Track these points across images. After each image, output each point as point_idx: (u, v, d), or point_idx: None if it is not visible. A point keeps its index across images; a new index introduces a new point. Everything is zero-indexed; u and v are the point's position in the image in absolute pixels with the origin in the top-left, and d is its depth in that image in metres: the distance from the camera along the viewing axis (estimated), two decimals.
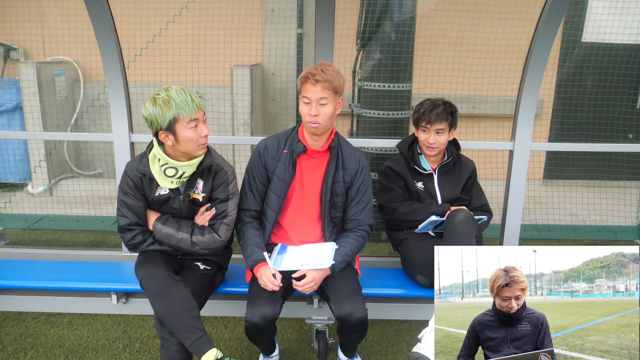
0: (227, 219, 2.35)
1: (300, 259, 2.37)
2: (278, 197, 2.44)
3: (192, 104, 2.14)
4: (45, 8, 5.29)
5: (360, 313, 2.23)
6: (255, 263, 2.33)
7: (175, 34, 4.60)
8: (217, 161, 2.35)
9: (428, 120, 2.64)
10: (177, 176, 2.25)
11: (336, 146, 2.43)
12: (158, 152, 2.24)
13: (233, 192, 2.37)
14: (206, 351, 2.08)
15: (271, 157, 2.43)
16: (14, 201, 5.22)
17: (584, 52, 5.29)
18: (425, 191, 2.76)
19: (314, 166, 2.45)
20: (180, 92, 2.15)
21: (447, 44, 4.13)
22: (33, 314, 3.13)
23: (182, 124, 2.15)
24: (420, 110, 2.69)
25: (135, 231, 2.34)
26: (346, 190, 2.47)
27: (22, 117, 5.46)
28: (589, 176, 4.99)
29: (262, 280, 2.26)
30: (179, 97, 2.13)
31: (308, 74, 2.24)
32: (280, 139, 2.46)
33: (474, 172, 2.85)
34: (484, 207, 2.83)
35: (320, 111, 2.25)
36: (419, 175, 2.78)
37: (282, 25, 5.30)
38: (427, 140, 2.67)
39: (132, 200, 2.31)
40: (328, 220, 2.49)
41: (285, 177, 2.42)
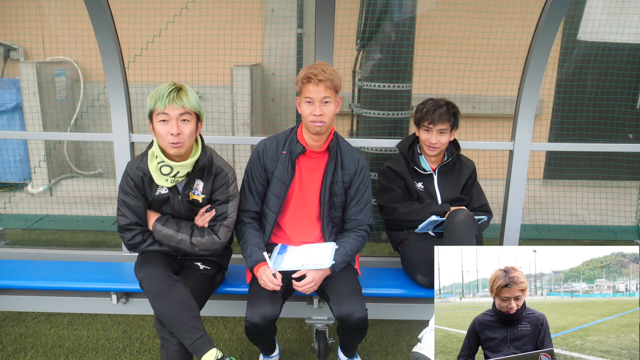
0: (227, 220, 2.35)
1: (300, 259, 2.37)
2: (277, 198, 2.44)
3: (165, 99, 2.14)
4: (45, 8, 5.29)
5: (360, 313, 2.23)
6: (255, 263, 2.33)
7: (175, 34, 4.59)
8: (218, 163, 2.35)
9: (431, 120, 2.63)
10: (171, 175, 2.25)
11: (335, 146, 2.44)
12: (156, 149, 2.25)
13: (233, 193, 2.37)
14: (206, 351, 2.08)
15: (270, 158, 2.43)
16: (14, 201, 5.22)
17: (583, 52, 5.28)
18: (425, 191, 2.76)
19: (313, 167, 2.46)
20: (171, 87, 2.18)
21: (447, 44, 4.13)
22: (33, 314, 3.13)
23: (155, 116, 2.19)
24: (423, 109, 2.68)
25: (135, 231, 2.34)
26: (345, 190, 2.47)
27: (22, 117, 5.47)
28: (589, 176, 4.99)
29: (263, 280, 2.27)
30: (160, 91, 2.17)
31: (310, 74, 2.25)
32: (279, 140, 2.46)
33: (473, 172, 2.85)
34: (483, 207, 2.83)
35: (324, 110, 2.28)
36: (419, 175, 2.78)
37: (282, 25, 5.30)
38: (429, 140, 2.66)
39: (132, 200, 2.31)
40: (327, 221, 2.49)
41: (284, 178, 2.42)
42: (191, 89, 2.24)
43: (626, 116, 5.16)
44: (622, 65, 4.98)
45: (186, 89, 2.21)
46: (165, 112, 2.16)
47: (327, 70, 2.26)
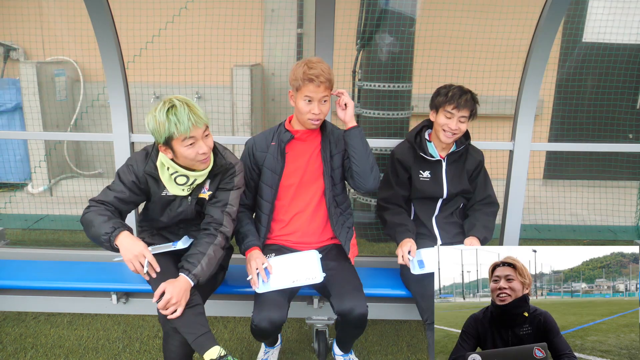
0: (228, 207, 2.30)
1: (288, 275, 2.33)
2: (270, 188, 2.48)
3: (187, 123, 2.03)
4: (45, 8, 5.29)
5: (361, 309, 2.25)
6: (247, 247, 2.41)
7: (175, 34, 4.59)
8: (228, 159, 2.32)
9: (457, 105, 2.51)
10: (188, 184, 2.23)
11: (328, 126, 2.52)
12: (166, 161, 2.19)
13: (238, 184, 2.35)
14: (209, 348, 2.07)
15: (260, 151, 2.48)
16: (14, 201, 5.22)
17: (584, 52, 5.29)
18: (432, 181, 2.67)
19: (307, 147, 2.49)
20: (181, 107, 2.05)
21: (447, 44, 4.13)
22: (33, 314, 3.13)
23: (178, 141, 2.09)
24: (448, 94, 2.55)
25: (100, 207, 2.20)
26: (342, 162, 2.51)
27: (22, 117, 5.47)
28: (589, 176, 4.99)
29: (250, 265, 2.32)
30: (175, 115, 2.04)
31: (312, 75, 2.27)
32: (267, 135, 2.52)
33: (480, 163, 2.75)
34: (487, 199, 2.73)
35: (322, 109, 2.35)
36: (426, 163, 2.68)
37: (282, 25, 5.30)
38: (449, 125, 2.54)
39: (125, 188, 2.23)
40: (330, 196, 2.50)
41: (274, 167, 2.45)
42: (187, 97, 2.18)
43: (626, 116, 5.16)
44: (622, 65, 4.98)
45: (191, 102, 2.11)
46: (192, 135, 2.08)
47: (326, 70, 2.30)
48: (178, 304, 2.09)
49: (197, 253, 2.21)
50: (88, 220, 2.16)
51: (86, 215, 2.18)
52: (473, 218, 2.70)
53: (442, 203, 2.73)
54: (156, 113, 2.07)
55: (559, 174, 5.43)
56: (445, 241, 2.66)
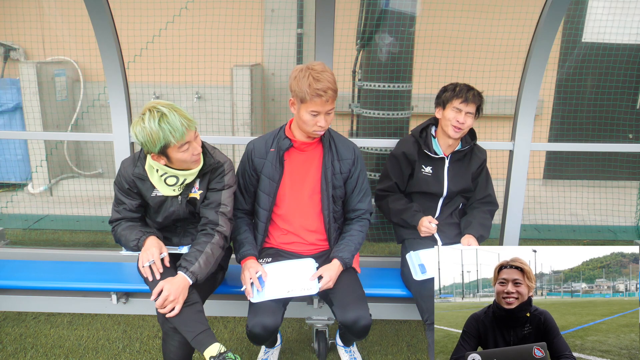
0: (222, 207, 2.31)
1: (283, 284, 2.31)
2: (268, 196, 2.43)
3: (181, 129, 2.05)
4: (45, 8, 5.29)
5: (365, 321, 2.22)
6: (243, 256, 2.38)
7: (175, 34, 4.59)
8: (217, 158, 2.34)
9: (465, 99, 2.55)
10: (178, 184, 2.25)
11: (328, 136, 2.42)
12: (154, 164, 2.21)
13: (228, 183, 2.34)
14: (209, 345, 2.06)
15: (258, 157, 2.43)
16: (14, 201, 5.22)
17: (584, 52, 5.29)
18: (433, 176, 2.69)
19: (306, 159, 2.43)
20: (170, 113, 2.05)
21: (447, 43, 4.13)
22: (33, 314, 3.13)
23: (175, 149, 2.11)
24: (456, 89, 2.60)
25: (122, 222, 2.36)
26: (344, 182, 2.46)
27: (22, 117, 5.47)
28: (588, 176, 4.99)
29: (244, 275, 2.30)
30: (168, 124, 2.04)
31: (320, 91, 2.18)
32: (267, 139, 2.46)
33: (483, 162, 2.78)
34: (487, 198, 2.76)
35: (328, 120, 2.29)
36: (429, 159, 2.70)
37: (282, 25, 5.30)
38: (457, 119, 2.57)
39: (126, 198, 2.32)
40: (328, 213, 2.45)
41: (273, 175, 2.41)
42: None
43: (626, 116, 5.16)
44: (622, 65, 4.99)
45: (176, 106, 2.11)
46: (187, 141, 2.11)
47: (332, 82, 2.21)
48: (176, 301, 2.09)
49: (195, 251, 2.23)
50: (117, 239, 2.35)
51: (114, 235, 2.37)
52: (470, 216, 2.74)
53: (443, 203, 2.73)
54: (146, 124, 2.05)
55: (559, 174, 5.43)
56: (445, 242, 2.67)
